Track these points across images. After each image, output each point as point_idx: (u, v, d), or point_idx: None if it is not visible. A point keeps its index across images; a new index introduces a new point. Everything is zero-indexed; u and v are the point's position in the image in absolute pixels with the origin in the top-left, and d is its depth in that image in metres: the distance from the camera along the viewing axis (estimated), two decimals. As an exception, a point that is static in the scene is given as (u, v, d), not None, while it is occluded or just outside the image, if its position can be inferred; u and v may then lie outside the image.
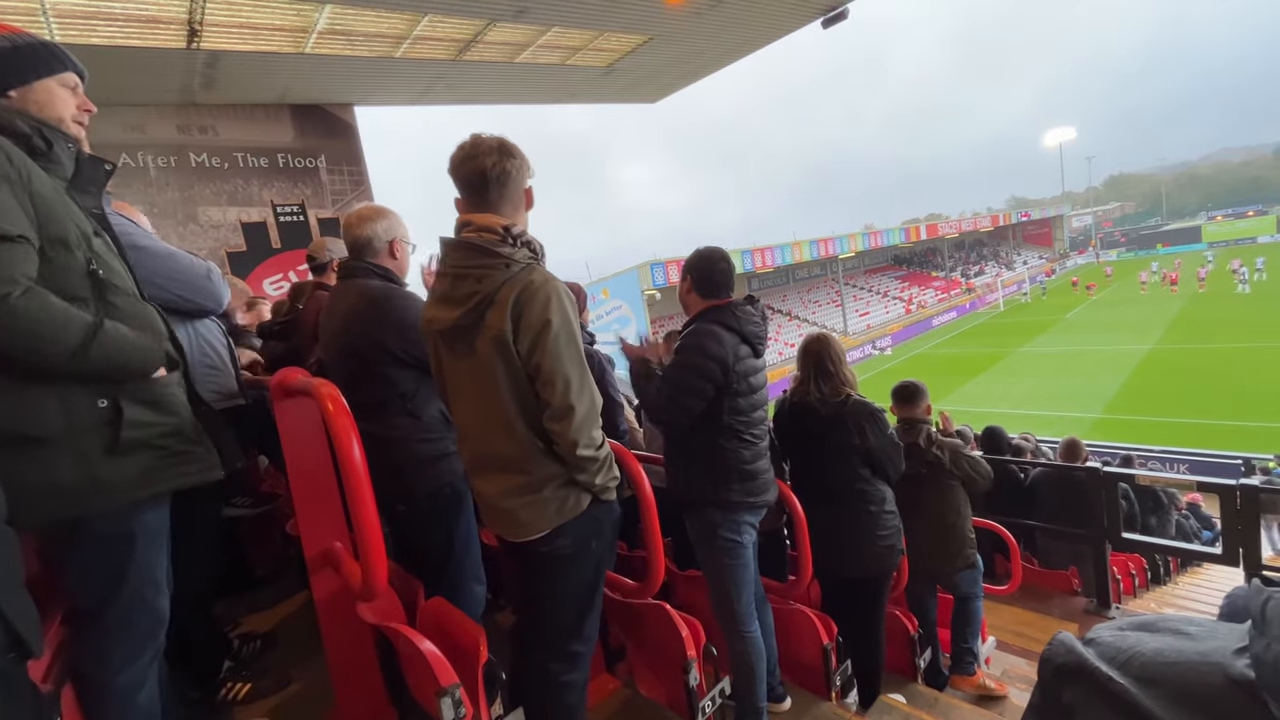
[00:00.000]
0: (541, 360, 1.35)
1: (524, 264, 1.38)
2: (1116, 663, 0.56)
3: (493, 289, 1.35)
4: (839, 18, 6.53)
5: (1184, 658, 0.53)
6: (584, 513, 1.47)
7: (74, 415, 1.13)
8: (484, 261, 1.37)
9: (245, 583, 2.78)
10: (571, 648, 1.57)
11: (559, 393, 1.36)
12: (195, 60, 5.29)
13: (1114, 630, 0.62)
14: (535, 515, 1.44)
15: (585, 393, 1.40)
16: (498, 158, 1.40)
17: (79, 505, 1.16)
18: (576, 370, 1.39)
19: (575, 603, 1.55)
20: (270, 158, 6.84)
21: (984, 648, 3.26)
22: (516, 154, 1.43)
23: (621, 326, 23.88)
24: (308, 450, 1.69)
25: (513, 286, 1.35)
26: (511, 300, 1.33)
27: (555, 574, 1.51)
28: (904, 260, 44.75)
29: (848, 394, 2.37)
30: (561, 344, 1.36)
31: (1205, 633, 0.57)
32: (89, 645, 1.28)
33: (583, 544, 1.50)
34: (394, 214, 1.96)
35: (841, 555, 2.44)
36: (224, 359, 2.06)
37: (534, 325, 1.33)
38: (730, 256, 2.11)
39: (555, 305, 1.35)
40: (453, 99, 7.77)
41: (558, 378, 1.35)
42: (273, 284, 6.84)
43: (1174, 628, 0.59)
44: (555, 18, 5.67)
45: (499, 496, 1.46)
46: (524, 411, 1.40)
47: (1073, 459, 4.73)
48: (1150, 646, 0.56)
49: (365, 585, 1.40)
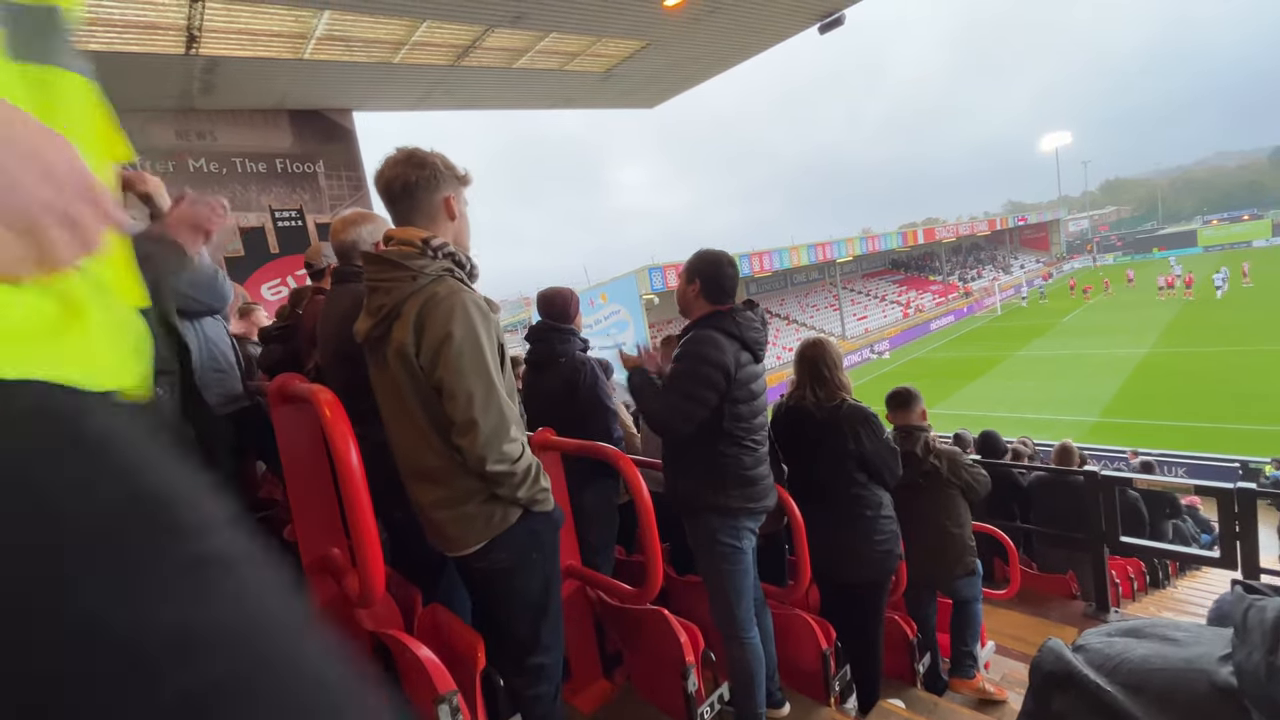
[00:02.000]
0: (444, 374, 1.32)
1: (433, 276, 1.35)
2: (1105, 670, 0.57)
3: (399, 301, 1.35)
4: (835, 23, 6.59)
5: (1170, 664, 0.54)
6: (516, 526, 1.43)
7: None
8: (393, 274, 1.36)
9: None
10: (531, 661, 1.54)
11: (461, 407, 1.32)
12: (194, 66, 5.31)
13: (1102, 636, 0.63)
14: (463, 530, 1.41)
15: (492, 406, 1.34)
16: (403, 169, 1.39)
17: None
18: (481, 383, 1.33)
19: (526, 616, 1.51)
20: (268, 163, 6.85)
21: (983, 652, 3.25)
22: (427, 164, 1.41)
23: (620, 331, 23.90)
24: (305, 456, 1.68)
25: (417, 299, 1.33)
26: (415, 313, 1.32)
27: (498, 589, 1.49)
28: (901, 264, 44.85)
29: (843, 399, 2.37)
30: (465, 357, 1.32)
31: (1191, 638, 0.58)
32: None
33: (521, 557, 1.46)
34: (380, 217, 1.95)
35: (839, 560, 2.44)
36: (230, 361, 2.08)
37: (435, 338, 1.31)
38: (735, 261, 2.09)
39: (459, 316, 1.32)
40: (451, 104, 7.80)
41: (459, 392, 1.32)
42: (271, 289, 6.85)
43: (1160, 633, 0.60)
44: (553, 23, 5.69)
45: (430, 508, 1.44)
46: (436, 426, 1.37)
47: (1066, 464, 4.73)
48: (1137, 653, 0.57)
49: (363, 592, 1.40)
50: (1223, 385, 16.14)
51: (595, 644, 2.29)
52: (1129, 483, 4.42)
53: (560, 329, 2.66)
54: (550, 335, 2.65)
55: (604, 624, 2.32)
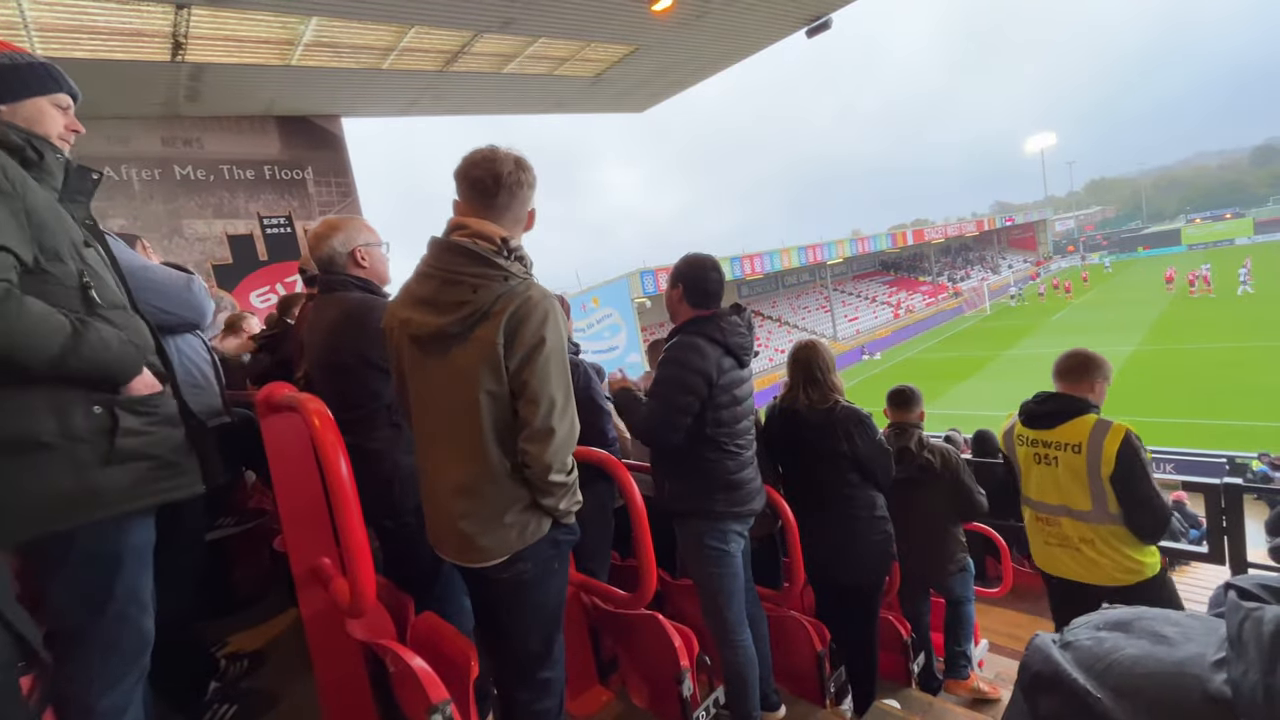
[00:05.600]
0: (529, 378, 1.31)
1: (522, 278, 1.34)
2: (1094, 671, 0.56)
3: (489, 301, 1.30)
4: (822, 28, 6.66)
5: (1162, 668, 0.53)
6: (545, 537, 1.42)
7: (69, 422, 1.12)
8: (481, 270, 1.31)
9: (233, 601, 2.74)
10: (540, 675, 1.51)
11: (542, 413, 1.32)
12: (180, 73, 5.27)
13: (1090, 631, 0.62)
14: (495, 541, 1.38)
15: (568, 417, 1.36)
16: (514, 168, 1.38)
17: (75, 516, 1.14)
18: (562, 393, 1.35)
19: (540, 628, 1.49)
20: (256, 170, 6.81)
21: (977, 651, 3.27)
22: (530, 171, 1.42)
23: (612, 335, 23.89)
24: (294, 466, 1.67)
25: (510, 300, 1.30)
26: (508, 314, 1.29)
27: (518, 601, 1.45)
28: (891, 265, 45.16)
29: (836, 400, 2.38)
30: (553, 364, 1.33)
31: (1181, 635, 0.57)
32: (72, 668, 1.25)
33: (544, 568, 1.44)
34: (352, 222, 1.93)
35: (834, 561, 2.44)
36: (208, 376, 2.04)
37: (528, 342, 1.30)
38: (720, 265, 2.10)
39: (551, 324, 1.32)
40: (440, 110, 7.78)
41: (543, 398, 1.31)
42: (260, 296, 6.80)
43: (1151, 629, 0.59)
44: (542, 29, 5.70)
45: (456, 518, 1.39)
46: (498, 429, 1.35)
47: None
48: (1128, 654, 0.56)
49: (353, 602, 1.39)
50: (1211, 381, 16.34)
51: (590, 650, 2.28)
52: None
53: None
54: None
55: (599, 630, 2.31)
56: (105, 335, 1.18)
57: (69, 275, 1.17)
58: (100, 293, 1.23)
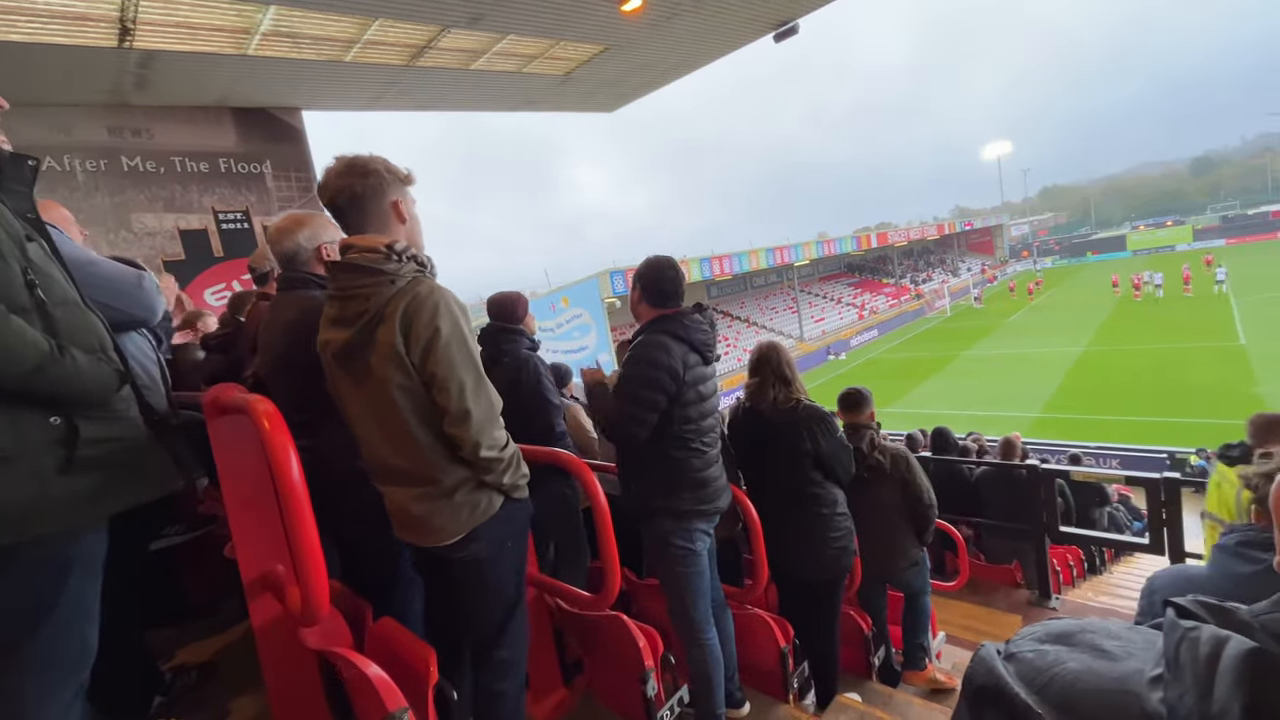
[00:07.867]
0: (435, 368, 1.37)
1: (409, 277, 1.41)
2: (1035, 685, 0.57)
3: (381, 305, 1.38)
4: (790, 32, 6.78)
5: (1102, 683, 0.54)
6: (497, 514, 1.49)
7: (24, 433, 1.07)
8: (368, 280, 1.39)
9: (181, 611, 2.63)
10: (498, 654, 1.58)
11: (454, 397, 1.38)
12: (127, 60, 5.04)
13: (1034, 644, 0.63)
14: (448, 520, 1.45)
15: (482, 395, 1.43)
16: (346, 180, 1.42)
17: (31, 527, 1.08)
18: (470, 374, 1.41)
19: (498, 606, 1.57)
20: (211, 162, 6.56)
21: (934, 642, 3.36)
22: (370, 171, 1.43)
23: (582, 335, 23.79)
24: (244, 469, 1.61)
25: (400, 299, 1.37)
26: (400, 313, 1.36)
27: (473, 579, 1.53)
28: (856, 268, 46.14)
29: (798, 400, 2.42)
30: (454, 350, 1.38)
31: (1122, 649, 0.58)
32: (6, 680, 1.17)
33: (498, 545, 1.52)
34: (318, 218, 1.89)
35: (797, 558, 2.48)
36: (154, 377, 1.95)
37: (423, 335, 1.36)
38: (678, 265, 2.12)
39: (443, 312, 1.38)
40: (406, 105, 7.63)
41: (452, 383, 1.38)
42: (215, 294, 6.55)
43: (1092, 642, 0.60)
44: (510, 26, 5.65)
45: (410, 503, 1.47)
46: (425, 421, 1.42)
47: (1010, 457, 4.95)
48: (1069, 668, 0.57)
49: (305, 609, 1.35)
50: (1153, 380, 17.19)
51: (554, 652, 2.27)
52: (1066, 475, 4.66)
53: (507, 329, 2.69)
54: (497, 336, 2.67)
55: (563, 631, 2.30)
56: (80, 366, 1.14)
57: (12, 273, 1.10)
58: (47, 290, 1.16)
